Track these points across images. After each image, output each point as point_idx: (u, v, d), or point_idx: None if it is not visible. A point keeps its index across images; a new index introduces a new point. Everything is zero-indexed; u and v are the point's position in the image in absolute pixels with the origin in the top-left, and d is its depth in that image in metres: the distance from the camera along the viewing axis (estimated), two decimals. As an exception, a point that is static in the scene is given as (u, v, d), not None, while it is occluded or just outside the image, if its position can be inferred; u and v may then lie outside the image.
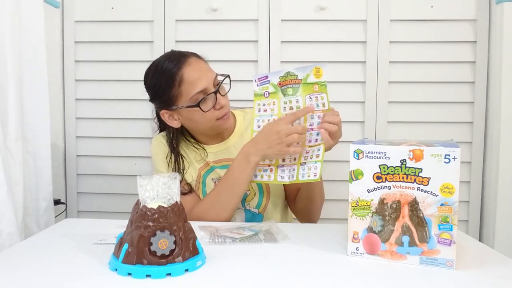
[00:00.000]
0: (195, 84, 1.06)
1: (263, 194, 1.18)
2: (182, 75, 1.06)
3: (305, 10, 1.57)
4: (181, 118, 1.12)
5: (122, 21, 1.61)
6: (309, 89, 0.98)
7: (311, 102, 0.98)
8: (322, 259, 0.77)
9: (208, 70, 1.11)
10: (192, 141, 1.20)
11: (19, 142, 1.18)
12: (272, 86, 1.02)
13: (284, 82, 1.00)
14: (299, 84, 0.99)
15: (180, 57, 1.10)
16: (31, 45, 1.25)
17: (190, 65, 1.08)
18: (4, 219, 1.05)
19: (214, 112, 1.09)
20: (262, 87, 1.03)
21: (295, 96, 0.99)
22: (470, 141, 1.56)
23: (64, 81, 1.64)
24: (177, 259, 0.69)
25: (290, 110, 1.00)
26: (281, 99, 1.01)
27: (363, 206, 0.76)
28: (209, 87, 1.08)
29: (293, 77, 0.99)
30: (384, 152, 0.74)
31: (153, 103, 1.16)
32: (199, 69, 1.09)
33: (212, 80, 1.10)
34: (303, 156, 1.00)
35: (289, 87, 1.00)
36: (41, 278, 0.68)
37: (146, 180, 0.73)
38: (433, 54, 1.55)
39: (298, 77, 0.99)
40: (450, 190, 0.70)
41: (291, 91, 1.00)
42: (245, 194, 1.18)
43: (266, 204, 1.19)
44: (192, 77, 1.06)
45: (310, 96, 0.98)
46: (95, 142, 1.66)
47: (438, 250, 0.71)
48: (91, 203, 1.68)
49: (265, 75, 1.02)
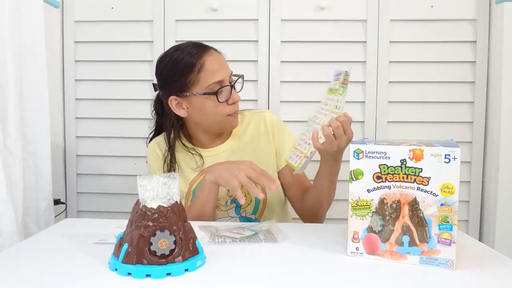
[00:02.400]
0: (214, 73, 1.07)
1: (260, 200, 1.17)
2: (204, 62, 1.07)
3: (305, 10, 1.57)
4: (190, 107, 1.11)
5: (122, 21, 1.61)
6: (347, 91, 0.98)
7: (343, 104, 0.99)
8: (322, 259, 0.77)
9: (226, 65, 1.13)
10: (189, 146, 1.19)
11: (19, 142, 1.18)
12: (339, 83, 1.00)
13: (344, 81, 1.00)
14: (347, 85, 0.98)
15: (202, 46, 1.12)
16: (31, 45, 1.25)
17: (211, 55, 1.10)
18: (4, 219, 1.05)
19: (226, 107, 1.09)
20: (334, 82, 1.01)
21: (342, 96, 0.99)
22: (470, 141, 1.56)
23: (64, 81, 1.64)
24: (177, 259, 0.69)
25: (336, 109, 0.99)
26: (335, 96, 1.01)
27: (363, 206, 0.76)
28: (226, 80, 1.10)
29: (347, 77, 0.99)
30: (384, 152, 0.74)
31: (161, 90, 1.14)
32: (219, 60, 1.11)
33: (229, 75, 1.11)
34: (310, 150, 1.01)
35: (342, 87, 0.99)
36: (41, 278, 0.68)
37: (146, 180, 0.73)
38: (433, 54, 1.55)
39: (349, 78, 0.99)
40: (450, 190, 0.70)
41: (341, 91, 0.99)
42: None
43: (263, 210, 1.18)
44: (213, 66, 1.08)
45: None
46: (95, 142, 1.66)
47: (438, 250, 0.71)
48: (91, 203, 1.68)
49: (340, 72, 1.00)
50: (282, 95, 1.58)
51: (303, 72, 1.58)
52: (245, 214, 1.17)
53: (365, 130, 1.57)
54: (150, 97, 1.61)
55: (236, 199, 1.14)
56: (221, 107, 1.09)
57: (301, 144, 1.02)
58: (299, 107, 1.58)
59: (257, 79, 1.58)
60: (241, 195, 0.98)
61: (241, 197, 0.97)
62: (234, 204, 1.17)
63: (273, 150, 1.19)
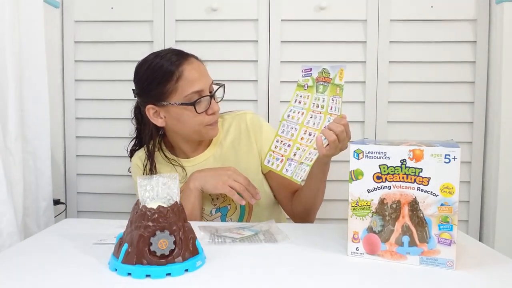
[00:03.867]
0: (193, 83, 1.04)
1: (245, 207, 1.16)
2: (182, 71, 1.04)
3: (305, 10, 1.57)
4: (167, 116, 1.08)
5: (121, 21, 1.61)
6: (334, 90, 0.96)
7: (333, 104, 0.96)
8: (322, 259, 0.77)
9: (207, 74, 1.10)
10: (170, 157, 1.16)
11: (19, 142, 1.18)
12: (312, 80, 0.99)
13: (319, 78, 0.98)
14: (329, 83, 0.97)
15: (182, 54, 1.09)
16: (30, 45, 1.25)
17: (191, 64, 1.07)
18: (4, 219, 1.05)
19: (205, 117, 1.07)
20: (304, 78, 1.00)
21: (323, 95, 0.97)
22: (470, 141, 1.56)
23: (63, 81, 1.63)
24: (177, 259, 0.69)
25: (316, 107, 0.97)
26: (314, 94, 0.99)
27: (363, 206, 0.76)
28: (205, 90, 1.07)
29: (326, 74, 0.97)
30: (384, 152, 0.74)
31: (139, 97, 1.12)
32: (199, 70, 1.08)
33: (209, 85, 1.08)
34: (305, 156, 0.99)
35: (321, 84, 0.98)
36: (41, 278, 0.68)
37: (146, 180, 0.73)
38: (433, 54, 1.55)
39: (330, 76, 0.97)
40: (450, 190, 0.70)
41: (321, 89, 0.98)
42: (226, 209, 1.15)
43: (249, 217, 1.16)
44: (192, 75, 1.05)
45: (333, 98, 0.96)
46: (95, 142, 1.65)
47: (438, 250, 0.71)
48: (91, 203, 1.67)
49: (310, 68, 1.00)
50: (282, 95, 1.58)
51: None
52: (231, 221, 1.16)
53: (365, 130, 1.57)
54: (150, 97, 1.61)
55: (220, 208, 1.15)
56: (200, 117, 1.06)
57: (279, 146, 0.99)
58: (299, 107, 1.58)
59: (257, 79, 1.58)
60: (240, 198, 0.98)
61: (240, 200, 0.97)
62: (220, 213, 1.16)
63: (255, 152, 1.16)
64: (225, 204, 1.15)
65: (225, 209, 1.15)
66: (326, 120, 0.96)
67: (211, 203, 1.15)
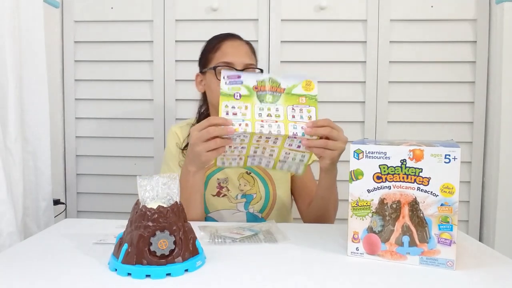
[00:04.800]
0: (225, 55, 1.14)
1: (269, 200, 1.19)
2: (221, 45, 1.16)
3: (305, 10, 1.57)
4: (205, 84, 1.19)
5: (121, 21, 1.61)
6: (293, 100, 0.93)
7: (294, 113, 0.93)
8: (322, 259, 0.77)
9: (244, 54, 1.16)
10: None
11: (19, 142, 1.18)
12: (246, 89, 0.94)
13: (262, 88, 0.94)
14: (281, 93, 0.94)
15: (231, 34, 1.20)
16: (30, 45, 1.25)
17: (232, 41, 1.17)
18: (4, 219, 1.05)
19: None
20: (232, 86, 0.93)
21: (274, 104, 0.93)
22: (470, 141, 1.56)
23: (63, 81, 1.63)
24: (176, 259, 0.69)
25: (268, 117, 0.91)
26: (255, 104, 0.93)
27: (363, 206, 0.76)
28: (236, 65, 1.12)
29: (275, 84, 0.94)
30: (384, 152, 0.74)
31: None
32: (237, 48, 1.16)
33: (242, 63, 1.13)
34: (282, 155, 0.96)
35: (268, 94, 0.94)
36: (41, 278, 0.68)
37: (146, 180, 0.73)
38: (433, 54, 1.55)
39: (281, 86, 0.94)
40: (450, 190, 0.70)
41: (270, 99, 0.93)
42: (251, 197, 1.18)
43: (270, 211, 1.19)
44: (226, 49, 1.15)
45: (294, 107, 0.93)
46: (94, 142, 1.66)
47: (438, 250, 0.71)
48: (91, 203, 1.68)
49: (237, 74, 0.95)
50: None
51: (303, 72, 1.57)
52: (252, 210, 1.18)
53: (365, 130, 1.57)
54: (150, 97, 1.61)
55: (246, 195, 1.17)
56: None
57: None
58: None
59: (257, 79, 1.58)
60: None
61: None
62: (244, 199, 1.19)
63: None
64: (252, 192, 1.19)
65: (250, 196, 1.19)
66: (291, 127, 0.91)
67: (238, 188, 1.18)
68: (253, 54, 1.20)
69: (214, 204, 1.16)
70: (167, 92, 1.60)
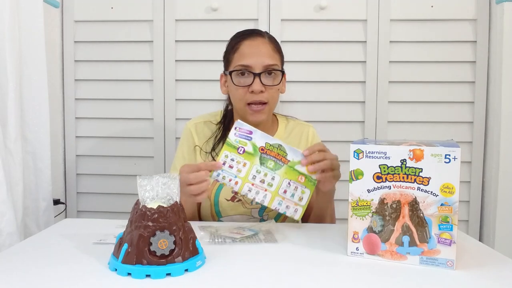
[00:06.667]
0: (243, 57, 1.09)
1: None
2: (241, 45, 1.11)
3: (305, 10, 1.57)
4: (228, 86, 1.14)
5: (121, 21, 1.61)
6: (293, 175, 0.91)
7: (288, 188, 0.91)
8: (322, 259, 0.77)
9: (265, 55, 1.09)
10: None
11: (19, 142, 1.18)
12: (252, 147, 0.91)
13: (269, 152, 0.92)
14: (285, 164, 0.92)
15: (253, 31, 1.15)
16: (30, 45, 1.25)
17: (252, 40, 1.11)
18: (4, 219, 1.05)
19: (246, 93, 1.08)
20: (240, 140, 0.92)
21: (273, 172, 0.91)
22: (470, 141, 1.56)
23: (63, 81, 1.63)
24: (176, 259, 0.69)
25: (261, 183, 0.91)
26: (254, 165, 0.91)
27: (363, 206, 0.76)
28: (254, 67, 1.07)
29: (282, 153, 0.92)
30: (384, 152, 0.74)
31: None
32: (256, 47, 1.10)
33: (263, 65, 1.07)
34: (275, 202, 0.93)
35: (273, 160, 0.91)
36: (41, 278, 0.68)
37: (146, 180, 0.73)
38: (433, 54, 1.55)
39: (287, 157, 0.92)
40: (450, 190, 0.70)
41: (272, 165, 0.91)
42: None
43: (284, 219, 1.16)
44: (246, 50, 1.09)
45: (290, 182, 0.91)
46: (94, 142, 1.65)
47: (438, 250, 0.71)
48: (91, 203, 1.67)
49: (249, 130, 0.92)
50: (281, 95, 1.57)
51: (303, 72, 1.58)
52: (267, 217, 1.16)
53: (365, 130, 1.57)
54: (150, 97, 1.61)
55: None
56: (240, 91, 1.08)
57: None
58: (299, 106, 1.58)
59: (257, 79, 1.57)
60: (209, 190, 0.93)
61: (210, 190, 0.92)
62: (259, 205, 1.14)
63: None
64: None
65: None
66: (276, 201, 0.91)
67: None
68: (277, 52, 1.13)
69: (227, 209, 1.14)
70: (167, 92, 1.60)
